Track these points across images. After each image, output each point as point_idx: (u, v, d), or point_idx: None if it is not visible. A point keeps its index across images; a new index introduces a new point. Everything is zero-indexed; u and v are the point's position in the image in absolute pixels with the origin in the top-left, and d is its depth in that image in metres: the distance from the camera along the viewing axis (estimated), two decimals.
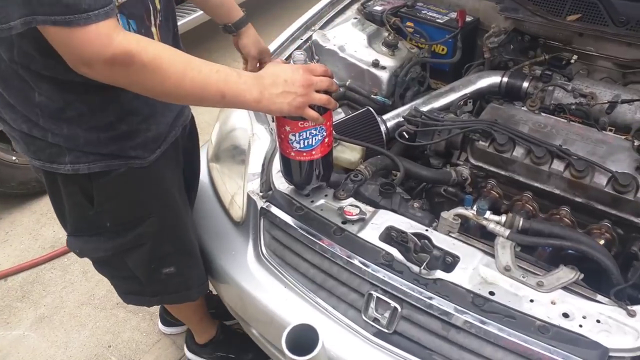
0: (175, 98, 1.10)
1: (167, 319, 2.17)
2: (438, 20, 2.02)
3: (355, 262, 1.21)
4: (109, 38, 0.91)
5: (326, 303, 1.26)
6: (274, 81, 1.09)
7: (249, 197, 1.45)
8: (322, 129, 1.22)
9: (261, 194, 1.46)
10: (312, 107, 1.14)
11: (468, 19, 2.00)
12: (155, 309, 2.21)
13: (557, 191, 1.38)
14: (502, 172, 1.46)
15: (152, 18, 1.17)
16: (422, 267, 1.17)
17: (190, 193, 1.58)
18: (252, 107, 1.12)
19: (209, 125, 1.88)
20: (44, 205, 2.85)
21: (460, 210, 1.27)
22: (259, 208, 1.41)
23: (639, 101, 1.56)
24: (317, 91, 1.13)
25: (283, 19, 3.92)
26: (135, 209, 1.32)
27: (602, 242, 1.30)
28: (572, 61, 1.81)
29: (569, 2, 1.81)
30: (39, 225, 2.75)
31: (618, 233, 1.33)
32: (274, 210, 1.37)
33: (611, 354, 1.01)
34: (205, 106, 1.11)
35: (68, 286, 2.42)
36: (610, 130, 1.53)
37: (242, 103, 1.10)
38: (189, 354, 2.05)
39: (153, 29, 1.18)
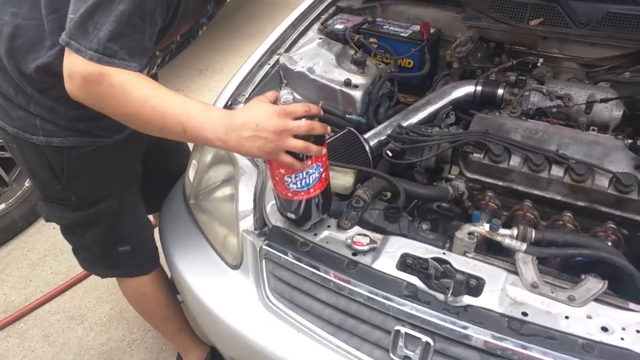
0: (138, 124, 1.11)
1: None
2: (402, 34, 2.00)
3: (377, 297, 1.13)
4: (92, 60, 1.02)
5: (348, 345, 1.17)
6: (245, 123, 1.03)
7: (243, 237, 1.35)
8: (319, 165, 1.14)
9: (257, 232, 1.35)
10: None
11: (431, 30, 1.99)
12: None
13: (558, 197, 1.37)
14: (500, 183, 1.43)
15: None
16: (448, 295, 1.11)
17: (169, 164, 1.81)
18: (216, 146, 1.07)
19: None
20: None
21: (472, 228, 1.22)
22: (257, 248, 1.31)
23: (617, 99, 1.59)
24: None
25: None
26: (98, 188, 1.45)
27: (609, 244, 1.30)
28: (539, 64, 1.84)
29: (529, 7, 1.84)
30: None
31: (623, 233, 1.33)
32: (276, 248, 1.27)
33: None
34: (169, 138, 1.11)
35: (29, 354, 2.18)
36: (593, 130, 1.55)
37: (205, 140, 1.07)
38: None
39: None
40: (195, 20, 1.34)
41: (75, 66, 1.03)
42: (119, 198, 1.49)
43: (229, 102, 1.62)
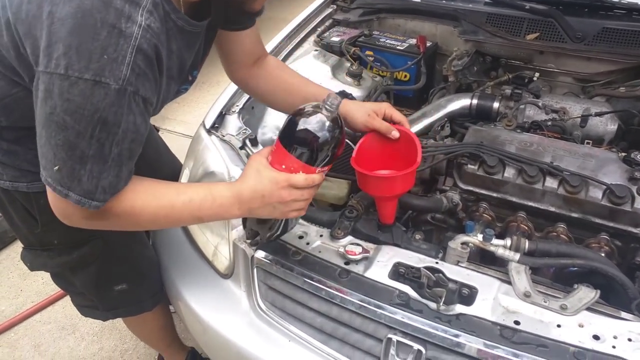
0: (152, 229, 1.14)
1: None
2: (398, 47, 2.01)
3: (369, 305, 1.12)
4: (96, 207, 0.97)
5: (339, 353, 1.16)
6: (252, 197, 1.05)
7: (235, 246, 1.34)
8: None
9: (249, 241, 1.34)
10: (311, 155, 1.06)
11: (427, 44, 2.00)
12: None
13: (552, 209, 1.36)
14: (494, 194, 1.42)
15: None
16: (440, 303, 1.10)
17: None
18: (234, 218, 1.20)
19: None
20: None
21: (466, 238, 1.22)
22: (249, 257, 1.30)
23: (611, 113, 1.59)
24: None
25: None
26: (78, 230, 1.27)
27: (602, 255, 1.29)
28: (535, 78, 1.85)
29: (526, 22, 1.86)
30: None
31: (616, 245, 1.33)
32: (268, 257, 1.27)
33: None
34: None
35: None
36: (588, 143, 1.55)
37: (223, 219, 1.18)
38: None
39: None
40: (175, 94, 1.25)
41: (75, 213, 0.99)
42: (105, 237, 1.37)
43: (223, 112, 1.62)
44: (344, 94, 1.32)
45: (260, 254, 1.28)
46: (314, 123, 1.02)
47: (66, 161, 0.91)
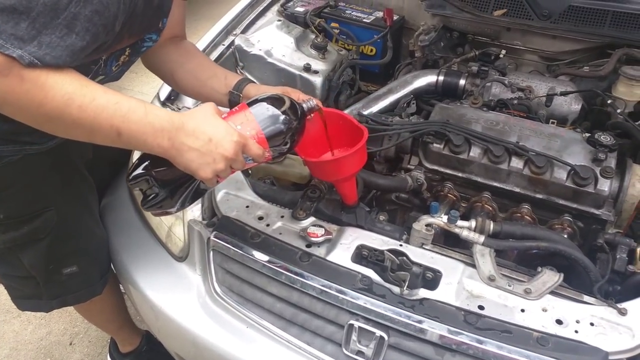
0: (56, 128, 0.88)
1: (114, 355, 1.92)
2: (364, 20, 1.95)
3: (330, 290, 1.08)
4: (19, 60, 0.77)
5: (299, 340, 1.11)
6: (195, 133, 0.90)
7: (190, 227, 1.27)
8: None
9: (205, 222, 1.28)
10: None
11: (394, 17, 1.94)
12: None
13: (517, 189, 1.35)
14: (459, 174, 1.40)
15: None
16: (404, 288, 1.06)
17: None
18: (153, 151, 0.91)
19: None
20: None
21: (430, 219, 1.19)
22: (205, 239, 1.23)
23: (576, 92, 1.58)
24: None
25: None
26: (31, 201, 1.21)
27: (565, 236, 1.28)
28: (501, 56, 1.82)
29: None
30: None
31: (578, 226, 1.32)
32: (225, 240, 1.20)
33: (610, 357, 0.97)
34: (97, 143, 0.90)
35: None
36: (552, 123, 1.54)
37: (144, 147, 0.91)
38: None
39: None
40: (141, 36, 1.11)
41: None
42: (59, 210, 1.27)
43: None
44: (248, 80, 1.24)
45: (217, 236, 1.21)
46: (287, 109, 0.98)
47: None
